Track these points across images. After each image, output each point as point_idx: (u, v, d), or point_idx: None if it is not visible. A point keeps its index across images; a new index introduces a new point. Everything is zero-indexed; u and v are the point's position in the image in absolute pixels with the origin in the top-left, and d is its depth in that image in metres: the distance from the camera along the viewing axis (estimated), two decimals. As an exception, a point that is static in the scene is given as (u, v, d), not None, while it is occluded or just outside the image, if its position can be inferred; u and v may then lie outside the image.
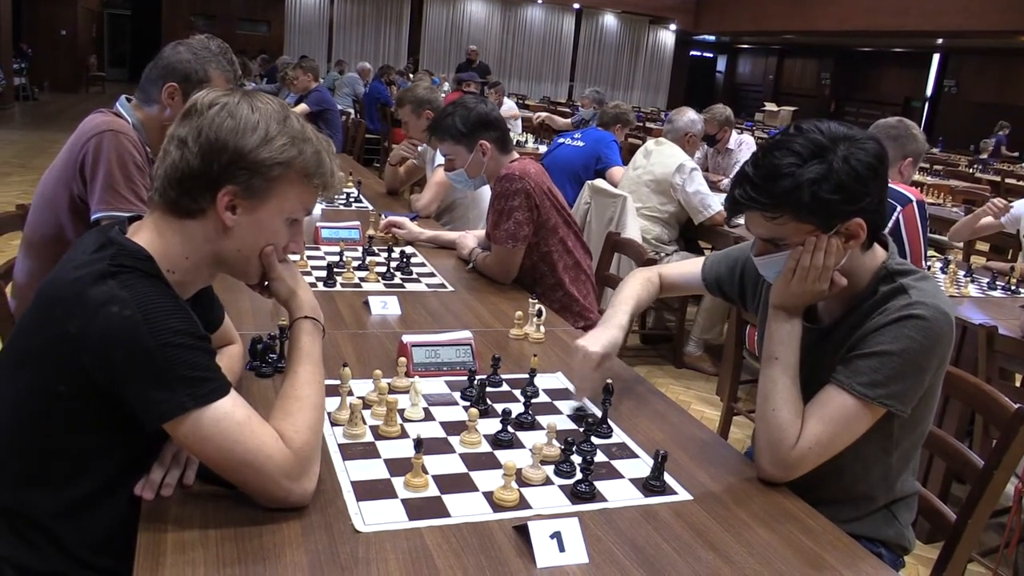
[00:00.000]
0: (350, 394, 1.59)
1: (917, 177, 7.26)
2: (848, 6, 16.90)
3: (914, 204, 2.98)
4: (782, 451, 1.45)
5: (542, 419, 1.64)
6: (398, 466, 1.40)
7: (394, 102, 5.86)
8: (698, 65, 26.40)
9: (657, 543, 1.27)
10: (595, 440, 1.56)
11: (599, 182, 4.37)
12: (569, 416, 1.69)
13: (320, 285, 2.44)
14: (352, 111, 10.05)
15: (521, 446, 1.53)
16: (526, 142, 7.79)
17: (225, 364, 1.42)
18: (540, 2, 21.19)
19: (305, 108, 6.55)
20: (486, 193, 3.08)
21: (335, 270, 2.49)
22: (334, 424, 1.53)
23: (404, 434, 1.53)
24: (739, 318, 3.00)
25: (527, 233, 2.65)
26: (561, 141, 5.23)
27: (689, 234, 4.55)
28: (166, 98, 2.19)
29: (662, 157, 4.35)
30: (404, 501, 1.30)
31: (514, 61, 21.47)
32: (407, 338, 1.84)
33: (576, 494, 1.37)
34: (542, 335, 2.16)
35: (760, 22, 19.55)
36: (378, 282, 2.53)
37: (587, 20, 22.05)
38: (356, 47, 19.17)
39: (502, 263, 2.68)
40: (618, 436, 1.62)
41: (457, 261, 2.90)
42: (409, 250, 2.91)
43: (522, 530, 1.22)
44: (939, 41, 18.02)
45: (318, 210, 3.54)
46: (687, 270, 1.98)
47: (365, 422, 1.53)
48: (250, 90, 1.31)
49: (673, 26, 22.50)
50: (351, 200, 3.80)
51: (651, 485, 1.42)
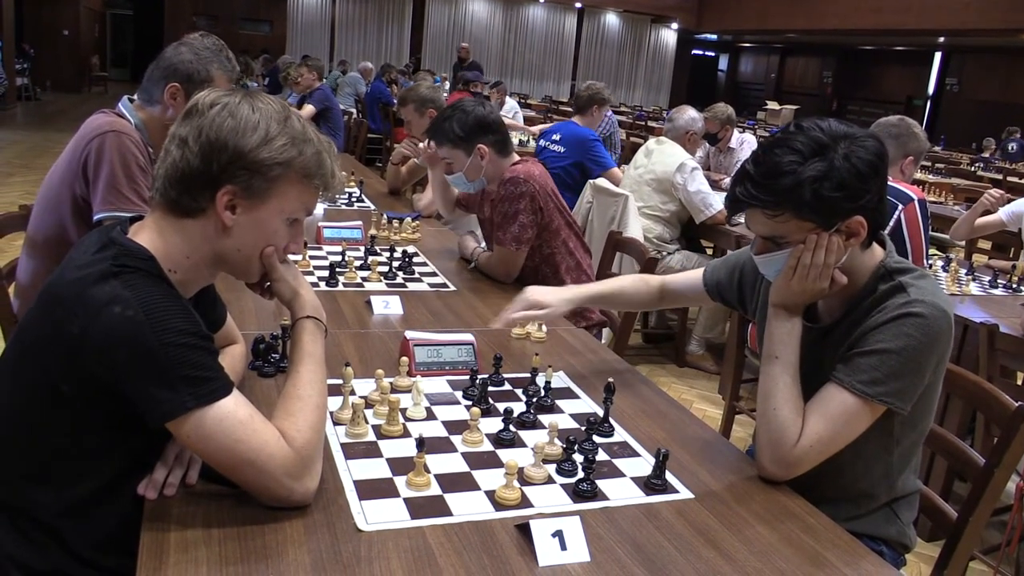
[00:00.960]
0: (352, 393, 1.60)
1: (918, 175, 7.26)
2: (850, 4, 16.88)
3: (915, 203, 2.98)
4: (783, 449, 1.45)
5: (544, 418, 1.65)
6: (400, 465, 1.41)
7: (396, 101, 5.85)
8: (700, 64, 26.38)
9: (659, 541, 1.27)
10: (597, 439, 1.56)
11: (601, 181, 4.37)
12: (572, 415, 1.70)
13: (322, 285, 2.44)
14: (354, 111, 10.05)
15: (523, 445, 1.54)
16: (528, 141, 7.79)
17: (227, 364, 1.42)
18: (542, 1, 21.18)
19: (311, 110, 6.54)
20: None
21: (337, 270, 2.49)
22: (336, 423, 1.53)
23: (406, 433, 1.53)
24: (741, 317, 3.00)
25: (531, 236, 2.66)
26: (543, 144, 5.11)
27: (691, 233, 4.54)
28: (168, 98, 2.20)
29: (663, 156, 4.35)
30: (406, 500, 1.31)
31: (516, 60, 21.46)
32: (410, 334, 1.85)
33: (578, 493, 1.38)
34: (544, 334, 2.16)
35: (762, 21, 19.54)
36: (380, 281, 2.53)
37: (589, 19, 22.04)
38: (358, 46, 19.17)
39: (505, 264, 2.69)
40: (620, 435, 1.62)
41: (459, 261, 2.91)
42: (411, 250, 2.91)
43: (524, 529, 1.23)
44: (941, 39, 18.00)
45: (320, 210, 3.55)
46: (689, 277, 1.99)
47: (367, 421, 1.54)
48: (252, 90, 1.32)
49: (675, 25, 22.48)
50: (353, 200, 3.81)
51: (653, 484, 1.43)
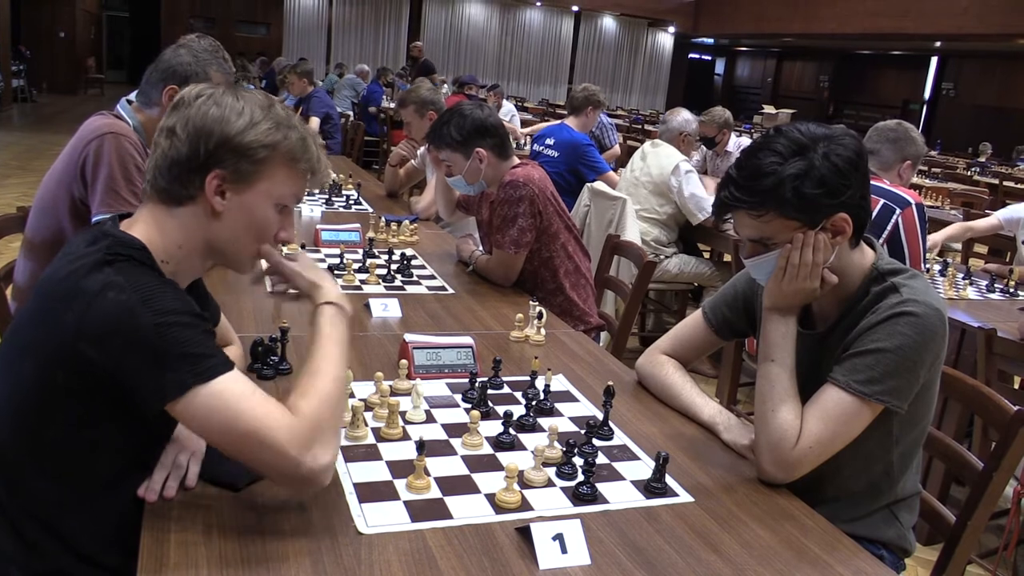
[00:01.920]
0: (352, 396, 1.60)
1: (915, 180, 7.28)
2: (847, 9, 16.93)
3: (913, 207, 2.99)
4: (783, 451, 1.46)
5: (543, 421, 1.65)
6: (400, 468, 1.41)
7: (395, 103, 5.84)
8: (697, 68, 26.43)
9: (659, 544, 1.27)
10: (596, 442, 1.56)
11: (599, 185, 4.37)
12: (571, 418, 1.70)
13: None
14: (351, 113, 10.05)
15: (523, 448, 1.54)
16: (524, 145, 7.80)
17: None
18: (539, 4, 21.20)
19: (316, 122, 6.54)
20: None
21: (335, 272, 2.50)
22: (336, 426, 1.53)
23: (406, 436, 1.53)
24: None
25: (530, 239, 2.66)
26: (536, 149, 5.08)
27: (688, 236, 4.56)
28: (167, 100, 2.20)
29: (659, 159, 4.36)
30: (406, 503, 1.31)
31: (513, 63, 21.48)
32: (409, 337, 1.85)
33: (578, 496, 1.38)
34: (543, 337, 2.16)
35: (759, 24, 19.58)
36: (378, 284, 2.53)
37: (586, 22, 22.07)
38: (355, 49, 19.18)
39: (504, 268, 2.69)
40: (619, 438, 1.62)
41: (457, 264, 2.91)
42: (409, 252, 2.92)
43: (524, 532, 1.23)
44: (937, 44, 18.06)
45: (318, 212, 3.55)
46: (689, 333, 1.85)
47: (367, 424, 1.54)
48: (237, 86, 1.34)
49: (672, 28, 22.52)
50: (351, 202, 3.81)
51: (652, 487, 1.43)
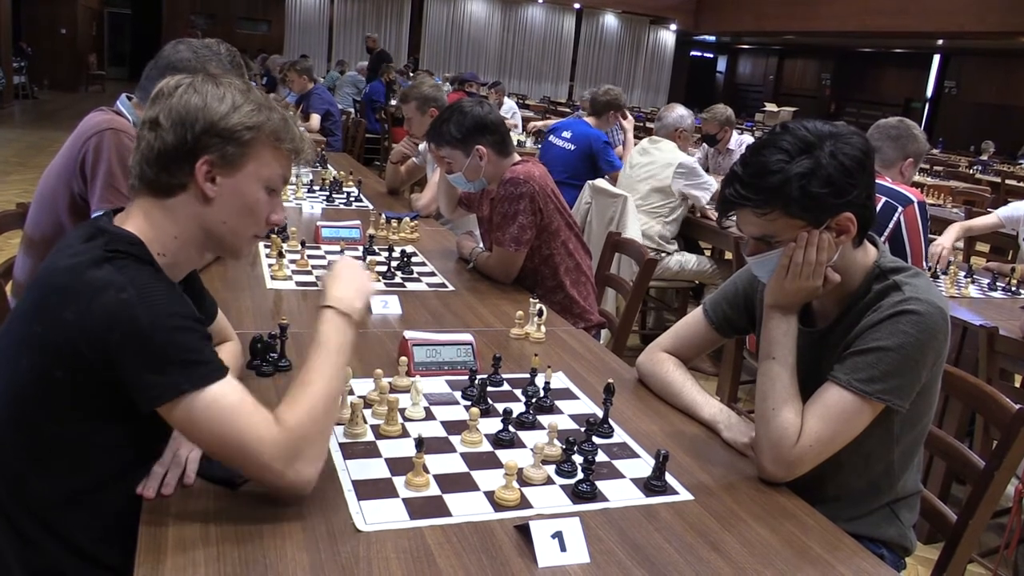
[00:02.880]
0: (351, 393, 1.60)
1: (917, 178, 7.26)
2: (848, 6, 16.91)
3: (915, 205, 2.98)
4: (783, 450, 1.45)
5: (543, 419, 1.64)
6: (399, 465, 1.40)
7: (396, 100, 5.83)
8: (698, 65, 26.42)
9: (658, 543, 1.27)
10: (596, 440, 1.56)
11: (600, 182, 4.37)
12: (571, 416, 1.70)
13: (320, 284, 2.43)
14: (352, 110, 10.05)
15: (522, 445, 1.54)
16: (525, 142, 7.79)
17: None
18: (541, 2, 21.19)
19: (317, 119, 6.53)
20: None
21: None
22: (335, 424, 1.53)
23: (405, 433, 1.53)
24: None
25: (530, 237, 2.65)
26: (551, 140, 5.15)
27: (689, 233, 4.55)
28: (167, 97, 2.19)
29: (659, 155, 4.36)
30: (405, 500, 1.31)
31: (514, 61, 21.48)
32: (408, 334, 1.85)
33: (577, 494, 1.37)
34: (543, 335, 2.16)
35: (760, 22, 19.56)
36: (379, 281, 2.53)
37: (587, 20, 22.06)
38: (356, 46, 19.16)
39: (504, 265, 2.69)
40: (619, 436, 1.62)
41: (457, 261, 2.90)
42: (410, 249, 2.91)
43: (523, 530, 1.22)
44: (939, 42, 18.03)
45: (319, 209, 3.55)
46: (690, 330, 1.85)
47: (366, 421, 1.54)
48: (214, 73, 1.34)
49: (673, 26, 22.50)
50: (351, 199, 3.80)
51: (652, 485, 1.42)
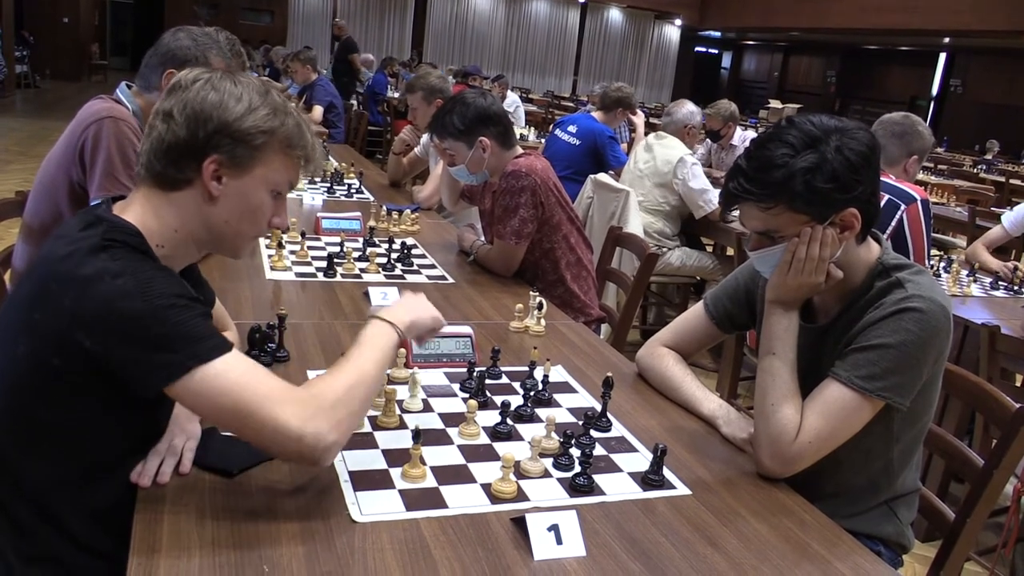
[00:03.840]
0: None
1: (921, 176, 7.25)
2: (854, 4, 16.86)
3: (918, 203, 2.97)
4: (782, 446, 1.45)
5: (541, 412, 1.64)
6: (396, 457, 1.40)
7: (402, 89, 5.81)
8: (703, 61, 26.36)
9: (655, 537, 1.27)
10: (594, 433, 1.56)
11: (602, 177, 4.37)
12: (569, 409, 1.70)
13: (320, 275, 2.44)
14: (355, 103, 10.04)
15: (520, 438, 1.53)
16: (528, 136, 7.78)
17: None
18: (545, -5, 21.15)
19: (320, 111, 6.52)
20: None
21: (335, 260, 2.49)
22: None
23: (402, 425, 1.53)
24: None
25: (531, 230, 2.65)
26: (557, 134, 5.14)
27: (690, 229, 4.55)
28: (165, 84, 2.18)
29: (663, 151, 4.35)
30: (401, 492, 1.31)
31: (518, 55, 21.45)
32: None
33: (574, 487, 1.37)
34: (542, 328, 2.16)
35: (766, 18, 19.51)
36: (378, 273, 2.53)
37: (592, 14, 22.02)
38: (360, 38, 19.09)
39: (504, 259, 2.68)
40: (617, 430, 1.62)
41: (458, 254, 2.90)
42: (410, 242, 2.91)
43: (520, 522, 1.22)
44: (946, 40, 17.99)
45: (319, 200, 3.55)
46: (690, 325, 1.85)
47: (363, 412, 1.53)
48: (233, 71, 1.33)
49: (678, 21, 22.46)
50: (352, 191, 3.80)
51: (650, 479, 1.42)
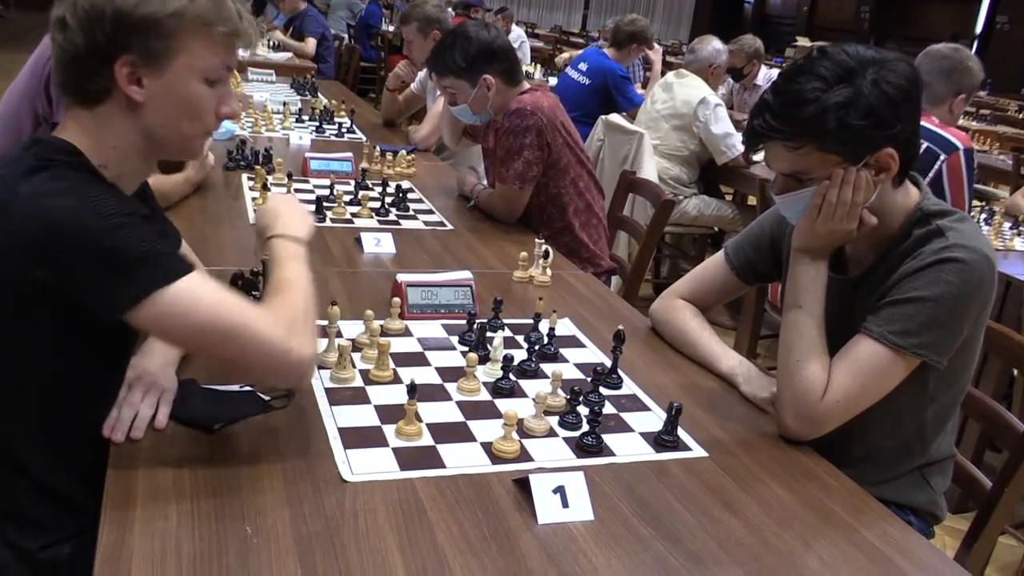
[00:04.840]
0: (339, 335, 1.58)
1: (961, 121, 7.15)
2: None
3: (960, 152, 2.90)
4: (807, 405, 1.44)
5: (547, 367, 1.63)
6: (390, 413, 1.40)
7: (397, 20, 5.74)
8: (726, -6, 25.92)
9: (668, 501, 1.26)
10: (604, 391, 1.54)
11: (614, 117, 4.31)
12: (577, 365, 1.69)
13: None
14: (346, 36, 9.90)
15: (523, 395, 1.53)
16: (534, 74, 7.69)
17: None
18: (555, -80, 20.76)
19: (313, 43, 6.43)
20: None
21: (325, 204, 2.47)
22: (321, 367, 1.52)
23: (397, 379, 1.52)
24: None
25: (536, 174, 2.62)
26: (568, 73, 5.12)
27: (709, 176, 4.50)
28: None
29: (684, 91, 4.28)
30: (395, 450, 1.30)
31: (524, -14, 21.11)
32: (402, 277, 1.83)
33: (582, 447, 1.37)
34: (548, 278, 2.14)
35: (796, -53, 19.14)
36: (371, 218, 2.51)
37: (605, -59, 21.63)
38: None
39: (507, 203, 2.66)
40: (629, 387, 1.61)
41: (458, 198, 2.88)
42: (406, 185, 2.88)
43: (523, 483, 1.22)
44: (993, -29, 17.64)
45: (308, 140, 3.51)
46: (709, 276, 1.84)
47: (355, 366, 1.53)
48: None
49: (700, -51, 22.07)
50: (343, 131, 3.76)
51: (663, 440, 1.42)
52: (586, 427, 1.39)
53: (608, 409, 1.50)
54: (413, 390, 1.33)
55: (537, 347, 1.67)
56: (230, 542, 1.05)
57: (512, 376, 1.55)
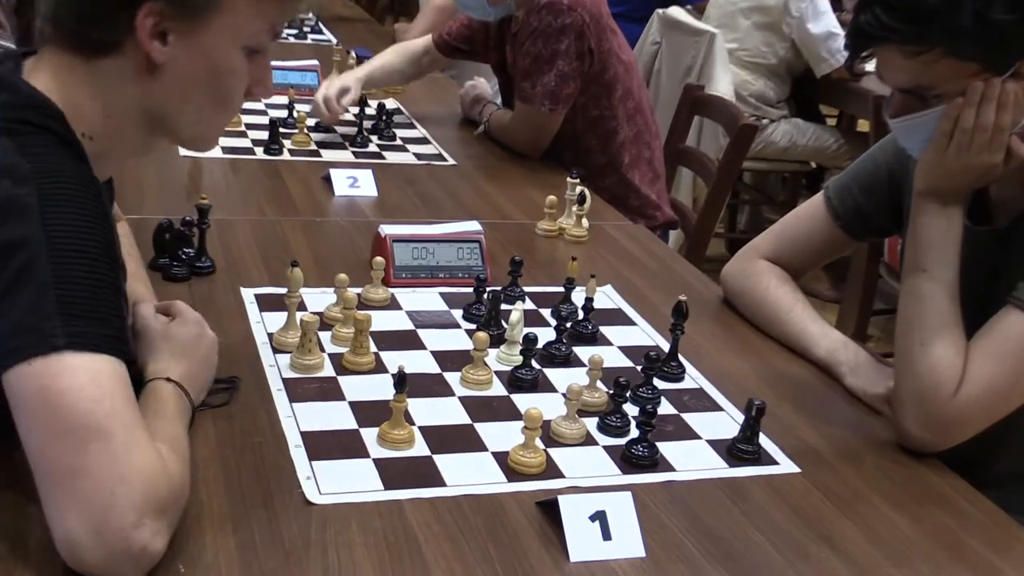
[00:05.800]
0: (301, 308, 1.59)
1: None
2: None
3: None
4: (936, 403, 1.44)
5: (582, 351, 1.64)
6: (370, 412, 1.41)
7: None
8: None
9: (745, 531, 1.27)
10: (659, 383, 1.56)
11: (675, 11, 4.30)
12: (622, 348, 1.69)
13: (259, 152, 2.43)
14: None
15: (550, 389, 1.54)
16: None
17: None
18: None
19: None
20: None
21: (282, 130, 2.48)
22: (278, 350, 1.53)
23: (380, 367, 1.53)
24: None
25: (572, 91, 2.61)
26: None
27: (805, 93, 4.49)
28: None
29: (772, -25, 4.27)
30: (377, 462, 1.32)
31: None
32: (386, 229, 1.84)
33: (629, 459, 1.38)
34: (585, 231, 2.15)
35: None
36: (344, 149, 2.52)
37: None
38: None
39: (532, 130, 2.67)
40: (693, 379, 1.62)
41: (461, 123, 2.88)
42: (391, 104, 2.88)
43: (550, 507, 1.23)
44: None
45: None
46: (804, 228, 1.85)
47: (323, 349, 1.54)
48: None
49: None
50: (305, 31, 3.77)
51: (740, 450, 1.43)
52: (635, 433, 1.40)
53: (665, 409, 1.51)
54: (402, 382, 1.34)
55: (569, 324, 1.68)
56: (157, 583, 1.06)
57: (535, 363, 1.56)
